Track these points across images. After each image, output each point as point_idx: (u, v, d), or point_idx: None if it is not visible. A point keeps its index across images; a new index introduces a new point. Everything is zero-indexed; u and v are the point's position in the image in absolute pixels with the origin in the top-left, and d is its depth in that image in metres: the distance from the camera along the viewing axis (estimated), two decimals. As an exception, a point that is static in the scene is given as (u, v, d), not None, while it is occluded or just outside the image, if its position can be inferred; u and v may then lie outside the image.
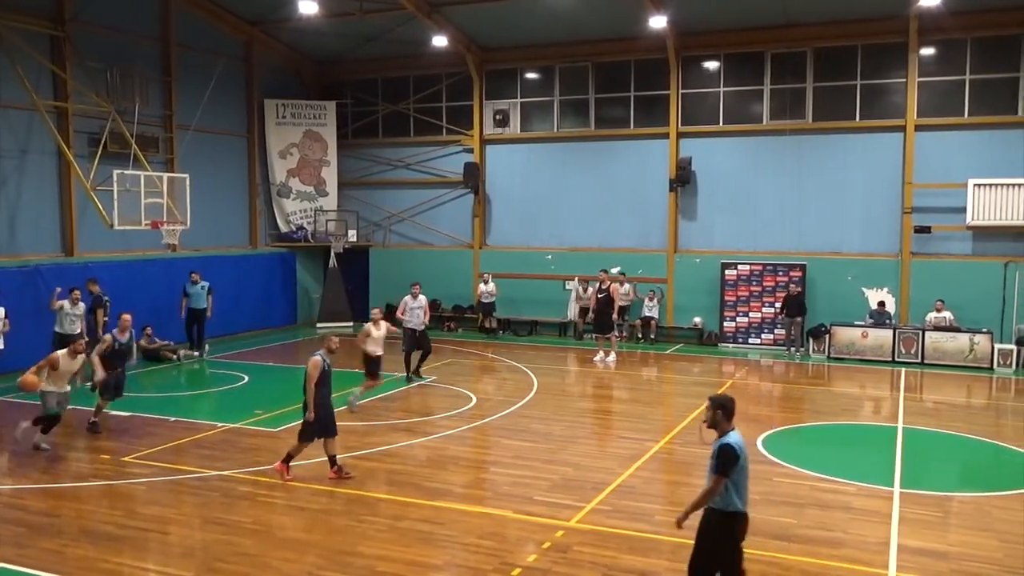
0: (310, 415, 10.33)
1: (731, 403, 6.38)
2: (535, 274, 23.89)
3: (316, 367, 10.35)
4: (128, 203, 17.43)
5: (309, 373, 10.36)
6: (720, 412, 6.31)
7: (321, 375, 10.36)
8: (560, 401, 15.42)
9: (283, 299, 25.15)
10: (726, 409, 6.33)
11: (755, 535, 8.70)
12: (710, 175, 22.34)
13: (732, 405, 6.38)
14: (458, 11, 22.08)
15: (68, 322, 15.90)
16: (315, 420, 10.36)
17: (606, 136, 23.45)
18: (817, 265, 21.10)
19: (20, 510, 9.44)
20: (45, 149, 18.46)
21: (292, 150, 25.58)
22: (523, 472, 10.95)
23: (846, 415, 14.66)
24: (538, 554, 8.23)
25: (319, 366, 10.37)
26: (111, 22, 19.86)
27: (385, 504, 9.63)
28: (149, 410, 14.30)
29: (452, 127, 25.17)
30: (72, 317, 15.97)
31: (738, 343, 21.71)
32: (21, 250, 18.08)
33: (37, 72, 17.97)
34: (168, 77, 21.48)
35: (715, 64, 22.27)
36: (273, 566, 7.92)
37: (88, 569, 7.82)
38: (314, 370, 10.33)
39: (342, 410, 12.78)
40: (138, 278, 19.88)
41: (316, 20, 21.16)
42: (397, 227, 26.16)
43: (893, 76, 20.64)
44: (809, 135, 21.43)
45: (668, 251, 22.71)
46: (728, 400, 6.39)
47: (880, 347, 19.59)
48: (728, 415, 6.34)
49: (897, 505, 9.70)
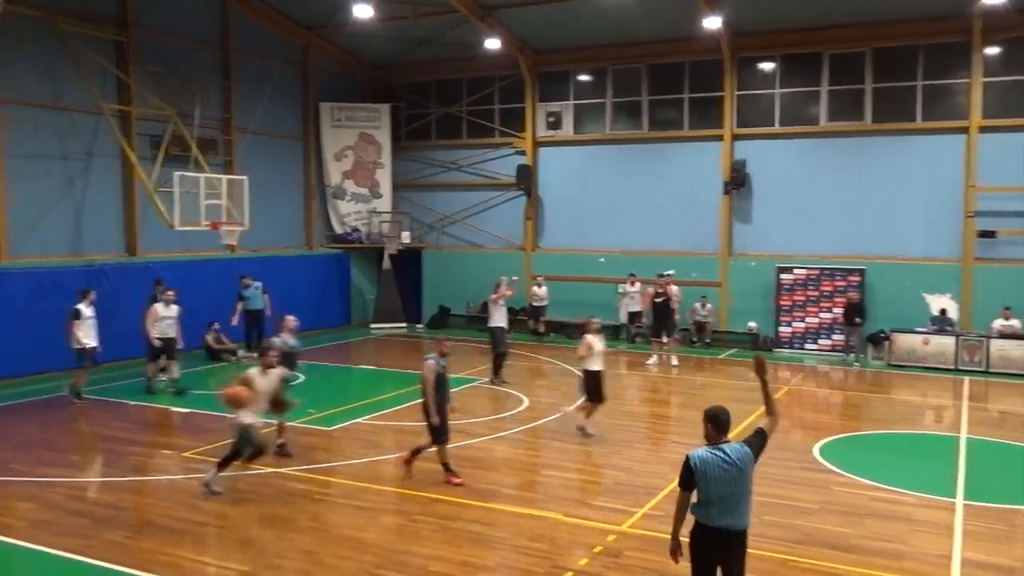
0: (435, 419, 10.24)
1: (722, 415, 5.97)
2: (587, 276, 23.83)
3: (431, 371, 10.30)
4: (188, 204, 17.82)
5: (425, 377, 10.30)
6: (710, 425, 5.94)
7: (436, 379, 10.29)
8: (612, 404, 15.31)
9: (338, 299, 25.48)
10: (716, 421, 5.93)
11: (810, 544, 8.60)
12: (765, 178, 22.04)
13: (724, 417, 5.96)
14: (511, 13, 22.14)
15: (165, 325, 15.69)
16: (435, 423, 10.28)
17: (659, 138, 23.29)
18: (876, 270, 20.67)
19: (86, 502, 9.72)
20: (109, 152, 18.97)
21: (347, 153, 25.91)
22: (575, 475, 10.94)
23: (906, 423, 14.33)
24: (589, 558, 8.20)
25: (433, 370, 10.31)
26: (173, 28, 20.35)
27: (438, 504, 9.69)
28: (209, 407, 14.59)
29: (504, 129, 25.24)
30: (168, 320, 15.74)
31: (794, 348, 21.37)
32: (86, 250, 18.61)
33: (102, 77, 18.49)
34: (227, 81, 21.93)
35: (771, 65, 21.96)
36: (329, 563, 8.03)
37: (150, 561, 8.01)
38: (429, 374, 10.28)
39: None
40: (197, 278, 20.32)
41: (370, 24, 21.39)
42: (449, 229, 26.32)
43: (955, 76, 20.14)
44: (868, 137, 21.01)
45: (721, 254, 22.47)
46: (718, 412, 5.97)
47: (942, 354, 19.11)
48: (718, 428, 5.92)
49: (960, 517, 9.45)
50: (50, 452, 11.79)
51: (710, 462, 5.81)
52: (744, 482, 5.86)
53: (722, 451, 5.84)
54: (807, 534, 8.89)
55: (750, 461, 5.88)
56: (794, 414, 14.98)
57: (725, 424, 5.96)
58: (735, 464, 5.81)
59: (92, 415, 14.08)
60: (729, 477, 5.79)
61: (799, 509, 9.66)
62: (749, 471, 5.88)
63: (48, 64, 17.67)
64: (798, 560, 8.18)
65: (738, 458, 5.83)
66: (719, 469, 5.79)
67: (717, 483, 5.81)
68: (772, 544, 8.53)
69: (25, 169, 17.36)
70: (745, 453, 5.87)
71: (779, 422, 6.08)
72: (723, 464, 5.80)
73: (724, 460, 5.80)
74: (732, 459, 5.81)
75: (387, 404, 15.19)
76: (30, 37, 17.26)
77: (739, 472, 5.82)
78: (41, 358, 17.03)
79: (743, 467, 5.83)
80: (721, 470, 5.80)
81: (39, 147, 17.65)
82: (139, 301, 18.94)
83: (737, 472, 5.81)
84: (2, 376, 16.35)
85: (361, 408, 14.70)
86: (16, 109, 17.09)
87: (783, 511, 9.56)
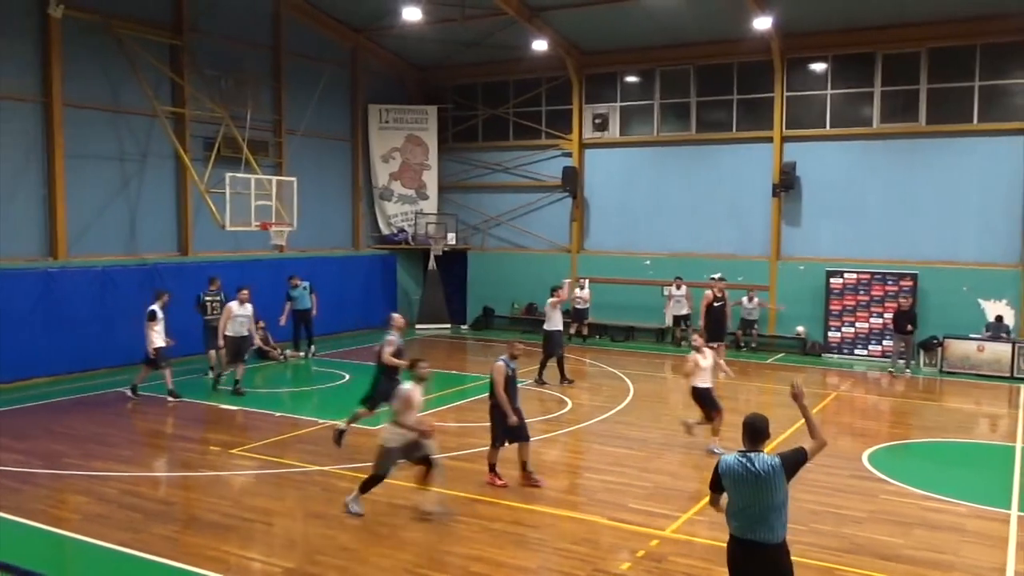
0: (513, 419, 10.18)
1: (758, 423, 5.79)
2: (633, 279, 23.70)
3: (501, 373, 10.22)
4: (239, 205, 18.12)
5: (495, 379, 10.23)
6: (744, 433, 5.81)
7: (506, 380, 10.22)
8: (656, 408, 15.24)
9: (384, 300, 25.66)
10: (748, 429, 5.77)
11: (858, 554, 8.44)
12: (816, 180, 21.70)
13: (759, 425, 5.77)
14: (558, 15, 22.12)
15: (238, 324, 15.83)
16: (514, 423, 10.23)
17: (707, 140, 23.08)
18: (929, 274, 20.21)
19: (136, 496, 9.93)
20: (163, 153, 19.39)
21: (394, 154, 26.12)
22: (618, 479, 10.87)
23: (959, 432, 13.98)
24: (631, 562, 8.15)
25: (503, 372, 10.23)
26: (226, 31, 20.72)
27: (479, 505, 9.71)
28: (255, 405, 14.83)
29: (551, 131, 25.23)
30: (241, 319, 15.86)
31: (843, 354, 21.00)
32: (140, 249, 19.04)
33: (157, 80, 18.90)
34: (278, 84, 22.27)
35: (822, 66, 21.62)
36: (371, 561, 8.09)
37: (197, 556, 8.16)
38: (500, 376, 10.21)
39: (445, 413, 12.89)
40: (248, 277, 20.58)
41: (419, 26, 21.54)
42: (495, 231, 26.38)
43: (1014, 76, 19.61)
44: (922, 138, 20.56)
45: (770, 258, 22.17)
46: (753, 420, 5.80)
47: (997, 362, 18.61)
48: (750, 436, 5.75)
49: (1015, 529, 9.18)
50: (102, 447, 12.07)
51: (735, 468, 5.68)
52: (768, 494, 5.58)
53: (748, 459, 5.67)
54: (856, 543, 8.73)
55: (777, 474, 5.59)
56: (843, 421, 14.73)
57: (758, 433, 5.77)
58: (758, 474, 5.59)
59: (142, 411, 14.38)
60: (750, 486, 5.60)
61: (848, 518, 9.49)
62: (775, 483, 5.58)
63: (105, 67, 18.12)
64: (846, 570, 8.04)
65: (763, 468, 5.59)
66: (741, 477, 5.64)
67: (739, 491, 5.67)
68: (820, 553, 8.39)
69: (82, 169, 17.84)
70: (773, 465, 5.61)
71: (823, 447, 5.84)
72: (746, 472, 5.63)
73: (747, 468, 5.63)
74: (756, 468, 5.60)
75: (431, 405, 15.26)
76: (88, 41, 17.72)
77: (761, 483, 5.58)
78: (95, 355, 17.51)
79: (767, 478, 5.57)
80: (742, 478, 5.63)
81: (96, 148, 18.12)
82: (192, 300, 19.38)
83: (758, 482, 5.58)
84: (58, 372, 16.80)
85: (405, 408, 14.77)
86: (74, 111, 17.56)
87: (831, 519, 9.40)
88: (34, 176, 17.08)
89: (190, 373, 17.86)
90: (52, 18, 16.66)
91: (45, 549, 8.62)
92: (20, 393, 15.52)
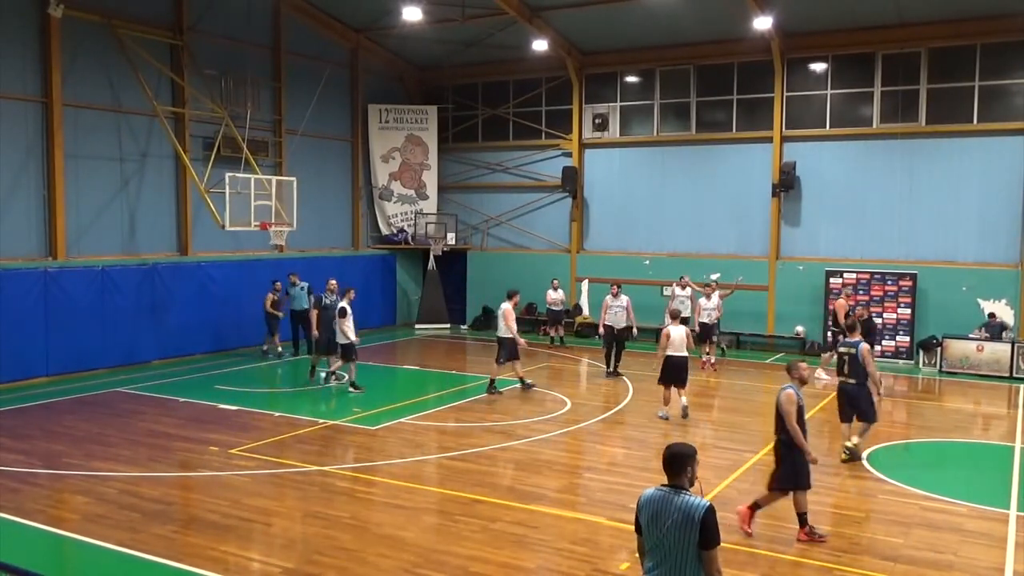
0: (812, 457, 8.83)
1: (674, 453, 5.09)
2: (632, 279, 23.64)
3: (793, 402, 8.78)
4: (239, 205, 18.11)
5: (786, 410, 8.79)
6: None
7: (798, 411, 8.82)
8: (656, 408, 15.23)
9: (383, 300, 25.70)
10: (665, 462, 5.10)
11: (859, 554, 8.44)
12: (815, 180, 21.70)
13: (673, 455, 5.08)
14: (558, 15, 22.12)
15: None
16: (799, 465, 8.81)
17: (707, 140, 23.07)
18: (929, 274, 20.21)
19: (135, 496, 9.93)
20: (163, 153, 19.39)
21: (394, 154, 26.13)
22: (617, 479, 10.87)
23: (958, 432, 13.98)
24: (631, 563, 8.14)
25: (795, 400, 8.80)
26: (226, 31, 20.71)
27: (479, 505, 9.71)
28: (254, 405, 14.83)
29: (551, 131, 25.23)
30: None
31: (842, 354, 20.96)
32: (140, 249, 19.04)
33: (156, 80, 18.89)
34: (278, 83, 22.26)
35: (822, 66, 21.61)
36: (370, 561, 8.09)
37: (196, 556, 8.16)
38: (792, 406, 8.77)
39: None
40: (247, 277, 20.69)
41: (419, 26, 21.53)
42: (495, 230, 26.38)
43: (1015, 76, 19.61)
44: (922, 139, 20.56)
45: (770, 258, 22.17)
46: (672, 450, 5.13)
47: (996, 362, 18.61)
48: (666, 468, 5.08)
49: (1013, 529, 9.18)
50: (102, 447, 12.07)
51: (655, 500, 4.85)
52: (677, 546, 4.69)
53: (671, 492, 4.84)
54: (855, 543, 8.73)
55: (691, 525, 4.66)
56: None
57: (669, 464, 5.02)
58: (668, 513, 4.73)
59: (142, 411, 14.38)
60: (663, 528, 4.74)
61: (847, 518, 9.50)
62: (686, 538, 4.67)
63: (105, 67, 18.11)
64: (845, 570, 8.04)
65: (682, 511, 4.69)
66: (657, 513, 4.80)
67: (645, 532, 4.87)
68: (820, 553, 8.39)
69: (82, 170, 17.83)
70: (693, 512, 4.68)
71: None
72: (662, 508, 4.79)
73: (660, 508, 4.80)
74: (675, 505, 4.74)
75: (430, 404, 15.28)
76: (88, 41, 17.72)
77: (674, 528, 4.69)
78: (95, 355, 17.51)
79: (681, 526, 4.68)
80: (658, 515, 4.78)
81: (96, 148, 18.11)
82: (191, 299, 19.43)
83: (668, 527, 4.71)
84: (58, 372, 16.80)
85: (405, 408, 14.81)
86: (74, 111, 17.55)
87: (831, 519, 9.41)
88: (34, 176, 17.07)
89: (191, 373, 17.89)
90: (52, 18, 16.65)
91: (44, 549, 8.62)
92: (20, 393, 15.52)
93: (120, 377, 17.12)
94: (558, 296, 22.46)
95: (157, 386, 16.40)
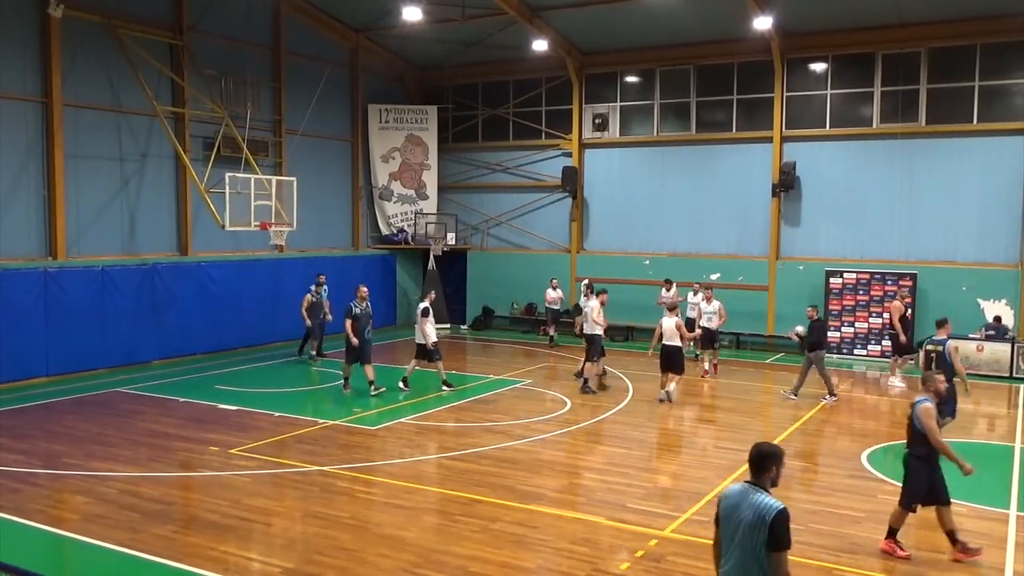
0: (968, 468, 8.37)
1: (759, 452, 4.98)
2: (632, 279, 23.69)
3: (931, 416, 8.34)
4: (239, 205, 18.11)
5: (928, 425, 8.29)
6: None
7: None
8: (656, 408, 15.24)
9: (383, 300, 25.66)
10: (751, 458, 5.00)
11: (858, 554, 8.43)
12: (815, 180, 21.71)
13: (757, 454, 4.98)
14: (558, 15, 22.12)
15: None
16: (935, 481, 8.44)
17: (707, 140, 23.08)
18: (929, 274, 20.22)
19: (135, 496, 9.93)
20: (163, 153, 19.39)
21: (394, 154, 26.13)
22: (617, 479, 10.87)
23: (958, 432, 13.93)
24: (631, 562, 8.15)
25: (934, 415, 8.36)
26: (226, 31, 20.71)
27: (479, 505, 9.71)
28: (254, 405, 14.83)
29: (551, 131, 25.23)
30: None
31: (842, 354, 21.00)
32: (140, 249, 19.04)
33: (156, 80, 18.89)
34: (278, 84, 22.26)
35: (822, 66, 21.62)
36: (370, 561, 8.09)
37: (196, 556, 8.16)
38: (932, 420, 8.32)
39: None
40: (247, 277, 20.69)
41: (419, 26, 21.54)
42: (495, 230, 26.38)
43: (1014, 76, 19.62)
44: (922, 139, 20.57)
45: (769, 258, 22.17)
46: (759, 449, 5.00)
47: (996, 362, 18.61)
48: (751, 465, 4.99)
49: (1013, 529, 9.19)
50: (102, 447, 12.07)
51: (734, 496, 4.93)
52: (746, 544, 4.75)
53: (750, 489, 4.87)
54: (854, 543, 8.73)
55: (760, 526, 4.70)
56: (841, 421, 14.73)
57: (754, 462, 4.95)
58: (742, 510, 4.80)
59: (142, 411, 14.38)
60: (736, 524, 4.80)
61: (846, 517, 9.50)
62: (754, 537, 4.72)
63: (105, 67, 18.11)
64: (845, 570, 8.04)
65: (754, 510, 4.74)
66: (733, 509, 4.86)
67: (725, 526, 4.93)
68: (819, 553, 8.39)
69: (82, 169, 17.83)
70: (763, 512, 4.72)
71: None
72: (739, 504, 4.85)
73: (738, 503, 4.86)
74: (750, 503, 4.79)
75: (430, 405, 15.29)
76: (88, 41, 17.72)
77: (745, 526, 4.76)
78: (95, 355, 17.51)
79: (751, 525, 4.74)
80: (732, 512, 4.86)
81: (96, 148, 18.12)
82: (191, 299, 19.44)
83: (741, 524, 4.78)
84: (58, 372, 16.80)
85: (404, 408, 14.81)
86: (74, 111, 17.55)
87: (830, 519, 9.41)
88: (34, 176, 17.07)
89: (191, 373, 17.90)
90: (52, 18, 16.65)
91: (44, 549, 8.62)
92: (20, 393, 15.52)
93: (120, 377, 17.12)
94: (557, 295, 22.47)
95: (157, 386, 16.40)
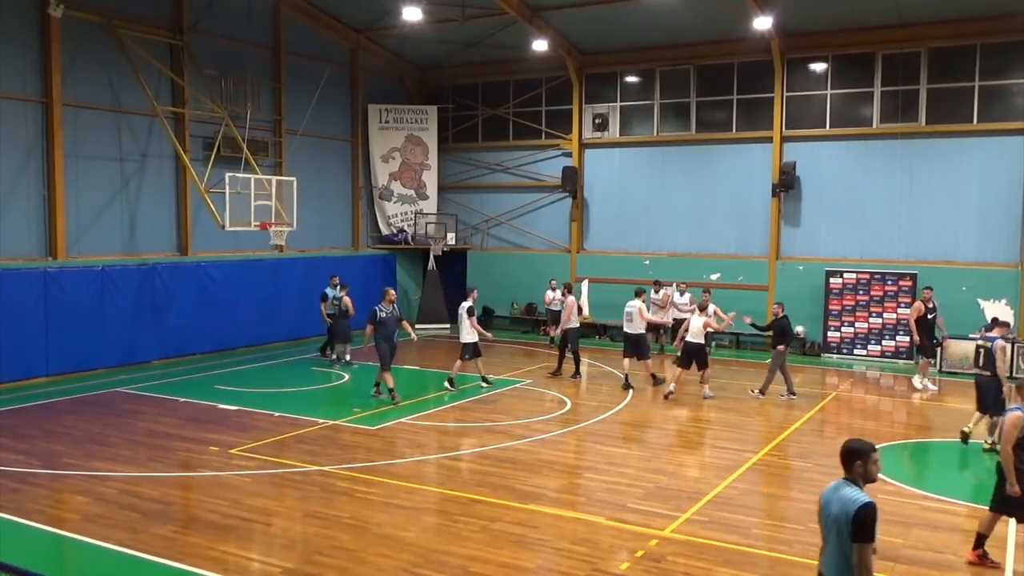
0: (1013, 489, 7.87)
1: (847, 447, 5.21)
2: (632, 279, 23.64)
3: (1017, 427, 7.83)
4: (239, 205, 18.11)
5: (1006, 434, 7.87)
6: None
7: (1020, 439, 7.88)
8: (656, 408, 15.24)
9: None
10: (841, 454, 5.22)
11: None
12: (815, 180, 21.70)
13: (844, 449, 5.21)
14: (558, 15, 22.12)
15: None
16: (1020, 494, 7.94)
17: (707, 140, 23.07)
18: (929, 274, 20.19)
19: (135, 496, 9.93)
20: (163, 153, 19.39)
21: (394, 154, 26.13)
22: (617, 479, 10.87)
23: (958, 432, 13.97)
24: (631, 562, 8.15)
25: (1020, 426, 7.82)
26: (226, 31, 20.71)
27: (479, 505, 9.71)
28: (254, 405, 14.83)
29: (551, 131, 25.23)
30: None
31: (843, 354, 21.00)
32: (140, 249, 19.03)
33: (156, 80, 18.88)
34: (278, 84, 22.26)
35: (822, 66, 21.62)
36: (370, 561, 8.09)
37: (196, 556, 8.16)
38: (1015, 430, 7.84)
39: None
40: (247, 277, 20.69)
41: (419, 26, 21.53)
42: (495, 230, 26.38)
43: (1015, 76, 19.62)
44: (922, 139, 20.57)
45: (770, 258, 22.17)
46: (847, 444, 5.22)
47: (997, 361, 18.59)
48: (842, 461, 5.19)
49: (1013, 529, 9.17)
50: (102, 447, 12.07)
51: (830, 488, 5.21)
52: (835, 533, 5.00)
53: (842, 483, 5.13)
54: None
55: (845, 518, 4.92)
56: (842, 421, 14.74)
57: (842, 457, 5.17)
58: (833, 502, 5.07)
59: (142, 411, 14.38)
60: (828, 516, 5.10)
61: (846, 518, 9.47)
62: (840, 528, 4.96)
63: (105, 67, 18.11)
64: None
65: (842, 503, 4.98)
66: (828, 501, 5.15)
67: (821, 518, 5.23)
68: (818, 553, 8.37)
69: (82, 169, 17.83)
70: (847, 505, 4.95)
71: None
72: (831, 497, 5.12)
73: (830, 496, 5.13)
74: (839, 496, 5.05)
75: (430, 404, 15.29)
76: (88, 41, 17.71)
77: (834, 517, 5.03)
78: (95, 355, 17.51)
79: (837, 517, 4.99)
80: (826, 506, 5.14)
81: (96, 148, 18.11)
82: (191, 299, 19.45)
83: (831, 515, 5.06)
84: (58, 372, 16.80)
85: (405, 408, 14.81)
86: (74, 111, 17.55)
87: (829, 519, 9.39)
88: (34, 176, 17.07)
89: (191, 373, 17.90)
90: (52, 18, 16.65)
91: (44, 549, 8.62)
92: (20, 393, 15.52)
93: (120, 377, 17.12)
94: (556, 296, 22.41)
95: (157, 386, 16.40)
